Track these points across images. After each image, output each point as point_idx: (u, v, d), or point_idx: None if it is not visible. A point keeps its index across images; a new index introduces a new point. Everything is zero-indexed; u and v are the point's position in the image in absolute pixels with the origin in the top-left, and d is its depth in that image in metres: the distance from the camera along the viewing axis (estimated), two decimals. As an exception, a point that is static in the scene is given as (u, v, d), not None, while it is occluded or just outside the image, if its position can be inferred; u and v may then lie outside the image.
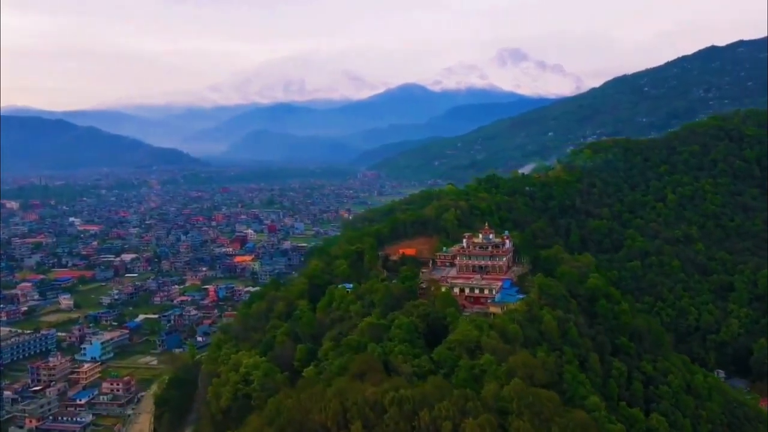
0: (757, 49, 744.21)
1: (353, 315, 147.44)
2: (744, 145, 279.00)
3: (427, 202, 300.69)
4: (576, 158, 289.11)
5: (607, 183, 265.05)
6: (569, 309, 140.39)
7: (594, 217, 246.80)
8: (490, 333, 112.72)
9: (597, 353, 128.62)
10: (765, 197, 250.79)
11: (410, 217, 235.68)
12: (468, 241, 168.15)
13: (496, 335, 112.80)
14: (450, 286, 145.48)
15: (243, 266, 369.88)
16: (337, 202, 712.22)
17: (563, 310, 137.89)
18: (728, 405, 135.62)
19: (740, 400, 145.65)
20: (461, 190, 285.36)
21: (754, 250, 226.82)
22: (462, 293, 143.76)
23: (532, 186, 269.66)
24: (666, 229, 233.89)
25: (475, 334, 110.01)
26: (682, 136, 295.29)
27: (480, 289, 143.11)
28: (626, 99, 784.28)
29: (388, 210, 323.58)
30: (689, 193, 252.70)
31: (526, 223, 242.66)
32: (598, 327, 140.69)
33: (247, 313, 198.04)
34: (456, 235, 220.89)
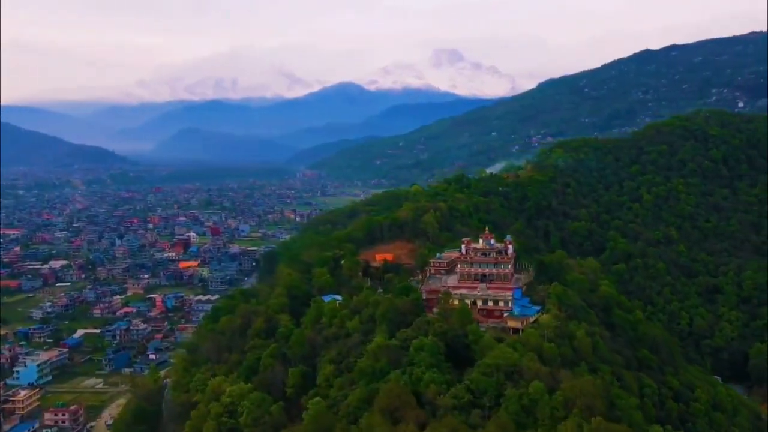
0: (690, 53, 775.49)
1: (351, 333, 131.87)
2: (709, 145, 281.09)
3: (393, 203, 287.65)
4: (547, 158, 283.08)
5: (582, 183, 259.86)
6: (591, 321, 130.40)
7: (572, 218, 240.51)
8: (529, 354, 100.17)
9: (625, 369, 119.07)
10: (735, 198, 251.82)
11: (386, 220, 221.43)
12: (467, 246, 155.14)
13: (534, 356, 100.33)
14: (459, 298, 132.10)
15: (190, 273, 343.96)
16: (280, 203, 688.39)
17: (586, 322, 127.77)
18: (753, 420, 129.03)
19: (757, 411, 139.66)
20: (432, 190, 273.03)
21: (731, 251, 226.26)
22: (474, 306, 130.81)
23: (506, 186, 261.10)
24: (646, 231, 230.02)
25: (514, 357, 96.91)
26: (648, 135, 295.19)
27: (494, 301, 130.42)
28: (567, 100, 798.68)
29: (350, 211, 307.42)
30: (663, 193, 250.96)
31: (504, 225, 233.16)
32: (618, 339, 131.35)
33: (213, 329, 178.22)
34: (438, 238, 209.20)
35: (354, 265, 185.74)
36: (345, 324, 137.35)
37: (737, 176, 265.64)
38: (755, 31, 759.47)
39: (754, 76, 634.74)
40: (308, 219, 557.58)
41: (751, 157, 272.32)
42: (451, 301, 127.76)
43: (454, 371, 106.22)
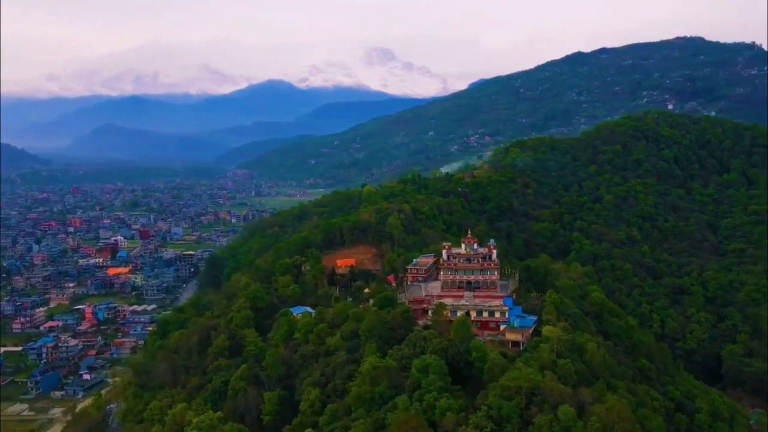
0: (619, 56, 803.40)
1: (333, 350, 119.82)
2: (661, 145, 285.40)
3: (345, 204, 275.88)
4: (504, 157, 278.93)
5: (541, 183, 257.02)
6: (589, 330, 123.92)
7: (534, 219, 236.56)
8: (547, 373, 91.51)
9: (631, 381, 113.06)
10: (690, 198, 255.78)
11: (346, 223, 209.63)
12: (449, 252, 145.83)
13: (554, 376, 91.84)
14: (450, 308, 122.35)
15: (121, 280, 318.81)
16: (212, 204, 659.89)
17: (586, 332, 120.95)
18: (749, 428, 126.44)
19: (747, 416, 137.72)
20: (388, 191, 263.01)
21: (691, 251, 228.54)
22: (467, 318, 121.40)
23: (465, 187, 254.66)
24: (609, 231, 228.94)
25: (536, 378, 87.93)
26: (602, 135, 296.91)
27: (489, 311, 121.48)
28: (503, 100, 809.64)
29: (299, 213, 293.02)
30: (623, 193, 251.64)
31: (467, 227, 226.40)
32: (617, 349, 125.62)
33: (164, 346, 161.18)
34: (404, 242, 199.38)
35: (319, 272, 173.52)
36: (324, 340, 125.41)
37: (689, 176, 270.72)
38: (680, 36, 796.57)
39: (681, 80, 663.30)
40: (246, 220, 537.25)
41: (701, 158, 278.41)
42: (445, 312, 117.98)
43: (461, 393, 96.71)
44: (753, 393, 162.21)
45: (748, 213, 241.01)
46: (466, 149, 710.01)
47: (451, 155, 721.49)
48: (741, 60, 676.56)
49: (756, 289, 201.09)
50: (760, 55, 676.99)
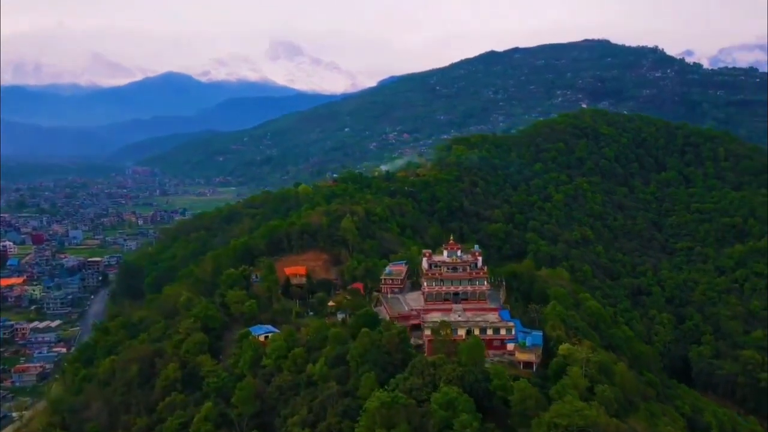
0: (532, 56, 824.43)
1: (317, 380, 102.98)
2: (601, 143, 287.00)
3: (281, 205, 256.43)
4: (447, 155, 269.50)
5: (489, 182, 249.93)
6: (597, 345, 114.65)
7: (485, 219, 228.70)
8: (594, 404, 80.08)
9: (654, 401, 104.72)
10: (634, 196, 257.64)
11: (293, 227, 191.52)
12: (429, 260, 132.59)
13: (602, 408, 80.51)
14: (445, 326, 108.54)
15: (15, 293, 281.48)
16: (113, 204, 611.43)
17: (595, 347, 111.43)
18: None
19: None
20: (328, 191, 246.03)
21: (642, 250, 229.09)
22: (467, 336, 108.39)
23: (412, 186, 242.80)
24: (562, 231, 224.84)
25: (590, 413, 76.14)
26: (543, 133, 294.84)
27: (494, 329, 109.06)
28: (420, 97, 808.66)
29: (226, 215, 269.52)
30: (571, 191, 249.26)
31: (420, 230, 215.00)
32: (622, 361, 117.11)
33: (90, 377, 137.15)
34: (360, 247, 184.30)
35: (273, 283, 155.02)
36: (303, 368, 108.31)
37: (630, 174, 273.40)
38: (587, 39, 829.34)
39: (593, 80, 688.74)
40: (154, 222, 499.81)
41: (639, 156, 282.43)
42: (447, 331, 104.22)
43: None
44: (724, 396, 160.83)
45: (691, 211, 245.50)
46: (384, 146, 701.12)
47: (370, 152, 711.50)
48: (646, 63, 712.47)
49: (710, 288, 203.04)
50: (663, 59, 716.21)
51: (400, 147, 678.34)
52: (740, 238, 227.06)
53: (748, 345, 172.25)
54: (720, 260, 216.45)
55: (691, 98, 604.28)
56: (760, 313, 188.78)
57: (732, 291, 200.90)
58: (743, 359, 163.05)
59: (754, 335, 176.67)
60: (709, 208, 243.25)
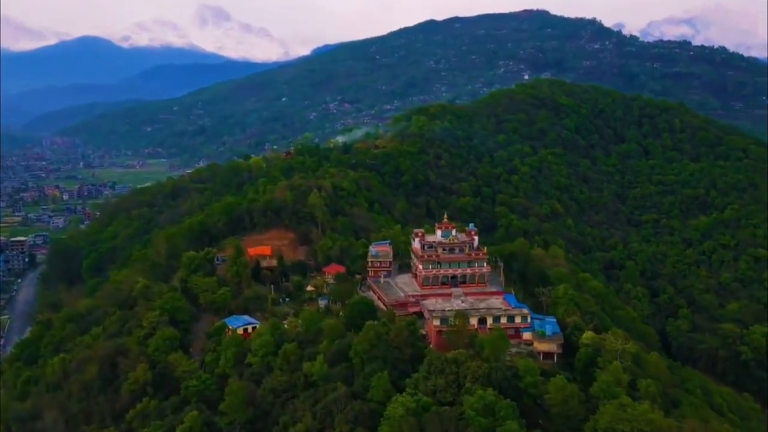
0: (472, 25, 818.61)
1: (317, 381, 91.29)
2: (561, 114, 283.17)
3: (232, 179, 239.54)
4: (407, 126, 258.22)
5: (453, 154, 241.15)
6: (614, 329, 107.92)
7: (453, 193, 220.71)
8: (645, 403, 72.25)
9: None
10: (597, 168, 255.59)
11: (256, 203, 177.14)
12: (422, 240, 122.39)
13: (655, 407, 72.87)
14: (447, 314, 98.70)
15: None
16: (32, 178, 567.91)
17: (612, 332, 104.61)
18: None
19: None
20: (284, 164, 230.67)
21: (609, 223, 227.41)
22: (482, 325, 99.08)
23: (374, 159, 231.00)
24: (532, 205, 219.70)
25: (653, 416, 68.29)
26: (502, 103, 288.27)
27: (509, 317, 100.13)
28: (360, 66, 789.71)
29: (171, 191, 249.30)
30: (536, 164, 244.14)
31: (390, 205, 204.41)
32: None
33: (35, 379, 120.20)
34: (331, 225, 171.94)
35: (242, 267, 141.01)
36: (298, 366, 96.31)
37: (591, 146, 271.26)
38: (527, 9, 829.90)
39: (534, 51, 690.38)
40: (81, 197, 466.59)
41: (598, 127, 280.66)
42: (461, 322, 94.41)
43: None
44: (705, 370, 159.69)
45: (653, 183, 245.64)
46: (325, 117, 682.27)
47: (310, 123, 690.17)
48: (585, 35, 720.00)
49: (680, 261, 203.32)
50: (601, 31, 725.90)
51: (342, 117, 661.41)
52: (703, 209, 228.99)
53: (725, 318, 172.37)
54: (686, 232, 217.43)
55: (629, 70, 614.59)
56: (731, 285, 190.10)
57: (701, 263, 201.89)
58: (722, 333, 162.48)
59: (729, 308, 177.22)
60: (671, 180, 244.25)
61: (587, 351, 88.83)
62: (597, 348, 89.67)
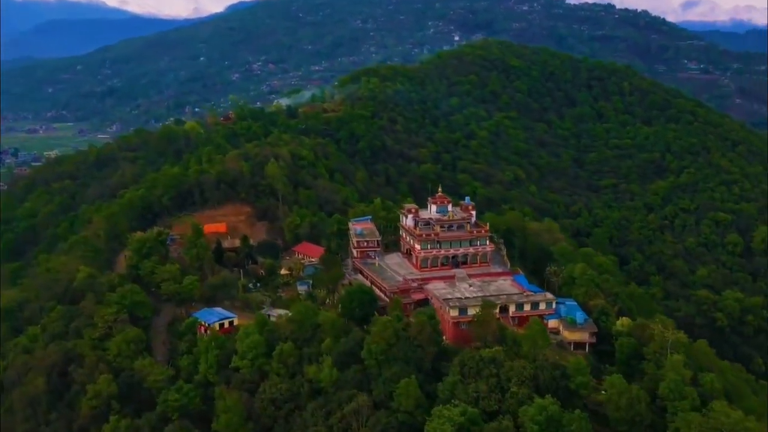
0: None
1: (327, 387, 78.76)
2: (512, 76, 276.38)
3: (168, 147, 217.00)
4: (356, 88, 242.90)
5: (408, 118, 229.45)
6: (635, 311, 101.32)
7: (412, 160, 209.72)
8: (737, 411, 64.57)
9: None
10: (553, 132, 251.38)
11: (207, 175, 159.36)
12: (416, 217, 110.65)
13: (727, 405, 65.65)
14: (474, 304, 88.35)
15: None
16: None
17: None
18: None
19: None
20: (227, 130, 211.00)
21: (570, 189, 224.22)
22: (503, 313, 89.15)
23: (327, 124, 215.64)
24: (495, 172, 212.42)
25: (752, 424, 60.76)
26: (451, 65, 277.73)
27: (532, 304, 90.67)
28: (282, 25, 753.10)
29: (96, 160, 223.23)
30: (493, 128, 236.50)
31: (350, 174, 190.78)
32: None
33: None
34: (292, 197, 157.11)
35: (203, 249, 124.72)
36: (299, 370, 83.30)
37: (544, 109, 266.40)
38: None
39: (464, 12, 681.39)
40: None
41: (550, 90, 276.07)
42: (490, 313, 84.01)
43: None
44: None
45: (610, 147, 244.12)
46: (249, 77, 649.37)
47: (233, 84, 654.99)
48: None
49: (644, 226, 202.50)
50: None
51: (267, 78, 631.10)
52: (660, 173, 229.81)
53: (696, 284, 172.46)
54: (647, 197, 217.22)
55: (558, 32, 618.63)
56: (697, 250, 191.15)
57: (665, 228, 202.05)
58: (697, 299, 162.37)
59: (699, 274, 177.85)
60: (627, 144, 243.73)
61: (629, 341, 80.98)
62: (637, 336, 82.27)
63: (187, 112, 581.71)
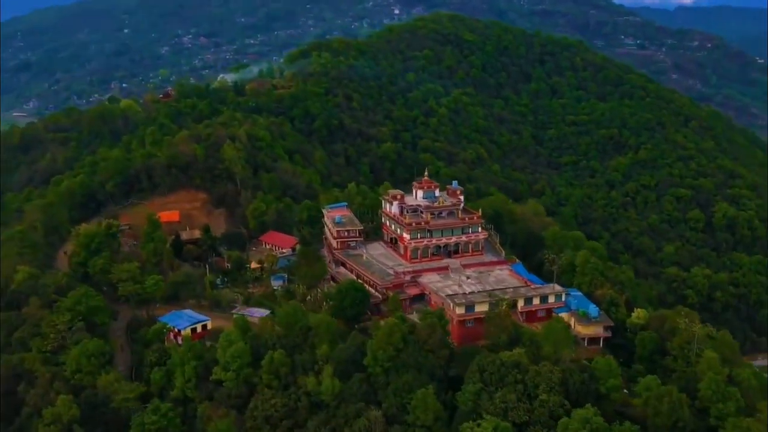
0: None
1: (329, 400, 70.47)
2: (465, 51, 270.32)
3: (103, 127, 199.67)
4: (308, 63, 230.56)
5: (364, 95, 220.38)
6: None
7: (371, 139, 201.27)
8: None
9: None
10: (510, 109, 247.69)
11: (156, 159, 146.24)
12: (402, 203, 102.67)
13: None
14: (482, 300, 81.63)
15: None
16: None
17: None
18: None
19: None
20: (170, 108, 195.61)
21: (531, 167, 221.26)
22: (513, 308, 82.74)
23: (279, 102, 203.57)
24: (457, 151, 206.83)
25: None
26: (404, 38, 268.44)
27: (542, 297, 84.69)
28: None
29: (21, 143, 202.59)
30: (452, 105, 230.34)
31: (309, 155, 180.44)
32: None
33: None
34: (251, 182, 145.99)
35: (160, 242, 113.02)
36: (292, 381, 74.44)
37: (499, 85, 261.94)
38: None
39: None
40: None
41: (504, 65, 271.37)
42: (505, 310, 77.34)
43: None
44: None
45: (567, 123, 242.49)
46: (179, 51, 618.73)
47: (163, 58, 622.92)
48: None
49: (608, 204, 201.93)
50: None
51: (199, 53, 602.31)
52: (619, 149, 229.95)
53: (664, 262, 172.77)
54: (607, 174, 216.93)
55: (498, 6, 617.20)
56: (660, 227, 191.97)
57: (628, 205, 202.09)
58: (667, 277, 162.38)
59: (667, 251, 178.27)
60: (584, 120, 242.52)
61: (650, 335, 76.40)
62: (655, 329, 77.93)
63: (114, 88, 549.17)
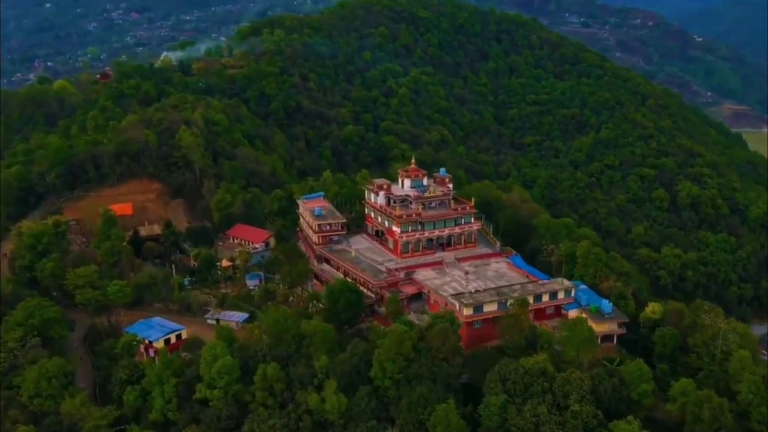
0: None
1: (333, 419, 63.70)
2: (421, 29, 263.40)
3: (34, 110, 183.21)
4: (259, 42, 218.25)
5: (321, 74, 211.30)
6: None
7: (331, 121, 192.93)
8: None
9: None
10: (470, 89, 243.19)
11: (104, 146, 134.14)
12: (389, 193, 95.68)
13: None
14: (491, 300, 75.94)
15: None
16: None
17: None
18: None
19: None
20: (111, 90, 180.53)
21: (495, 148, 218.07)
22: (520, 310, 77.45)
23: (231, 82, 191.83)
24: (422, 133, 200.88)
25: None
26: (359, 15, 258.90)
27: (551, 293, 79.61)
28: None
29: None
30: (411, 84, 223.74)
31: (268, 139, 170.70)
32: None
33: None
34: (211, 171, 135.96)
35: (118, 240, 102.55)
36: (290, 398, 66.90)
37: (457, 64, 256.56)
38: None
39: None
40: None
41: (461, 44, 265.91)
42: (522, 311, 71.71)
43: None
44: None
45: (528, 103, 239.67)
46: (109, 27, 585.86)
47: (91, 35, 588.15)
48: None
49: (574, 185, 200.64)
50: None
51: (131, 29, 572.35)
52: (581, 129, 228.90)
53: (635, 242, 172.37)
54: (571, 154, 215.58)
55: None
56: (627, 207, 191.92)
57: (593, 186, 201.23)
58: (639, 259, 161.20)
59: (636, 232, 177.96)
60: (545, 100, 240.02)
61: (671, 332, 72.63)
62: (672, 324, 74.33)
63: (38, 67, 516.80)
